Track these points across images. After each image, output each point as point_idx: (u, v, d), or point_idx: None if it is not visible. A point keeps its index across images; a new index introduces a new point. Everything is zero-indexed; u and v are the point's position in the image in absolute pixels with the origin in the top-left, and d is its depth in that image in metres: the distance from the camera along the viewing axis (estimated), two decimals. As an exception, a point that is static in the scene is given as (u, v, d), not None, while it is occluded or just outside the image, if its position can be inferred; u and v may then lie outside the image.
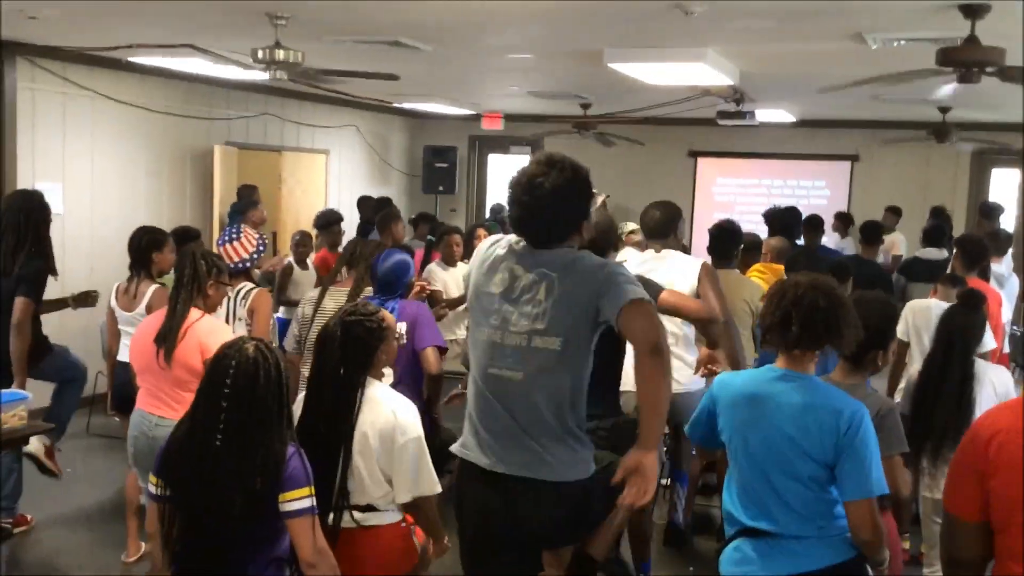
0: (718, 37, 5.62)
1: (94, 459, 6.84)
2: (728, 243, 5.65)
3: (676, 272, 4.26)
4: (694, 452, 5.11)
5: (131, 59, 7.48)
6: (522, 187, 2.77)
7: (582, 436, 2.85)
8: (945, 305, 4.85)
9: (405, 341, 4.32)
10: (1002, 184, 11.26)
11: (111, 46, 6.89)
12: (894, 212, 10.58)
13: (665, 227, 4.42)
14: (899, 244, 10.17)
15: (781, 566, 2.84)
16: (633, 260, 4.42)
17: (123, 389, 5.04)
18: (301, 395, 3.41)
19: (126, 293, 5.20)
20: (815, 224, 8.19)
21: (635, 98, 8.77)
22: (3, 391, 4.81)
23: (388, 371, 3.92)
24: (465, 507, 2.97)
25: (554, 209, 2.76)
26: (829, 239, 10.94)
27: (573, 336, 2.73)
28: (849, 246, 10.02)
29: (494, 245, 2.95)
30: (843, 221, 10.56)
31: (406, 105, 11.41)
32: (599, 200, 8.20)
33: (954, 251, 6.05)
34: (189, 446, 2.82)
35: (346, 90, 9.19)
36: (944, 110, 8.95)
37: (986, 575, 2.31)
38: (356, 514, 3.19)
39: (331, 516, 3.15)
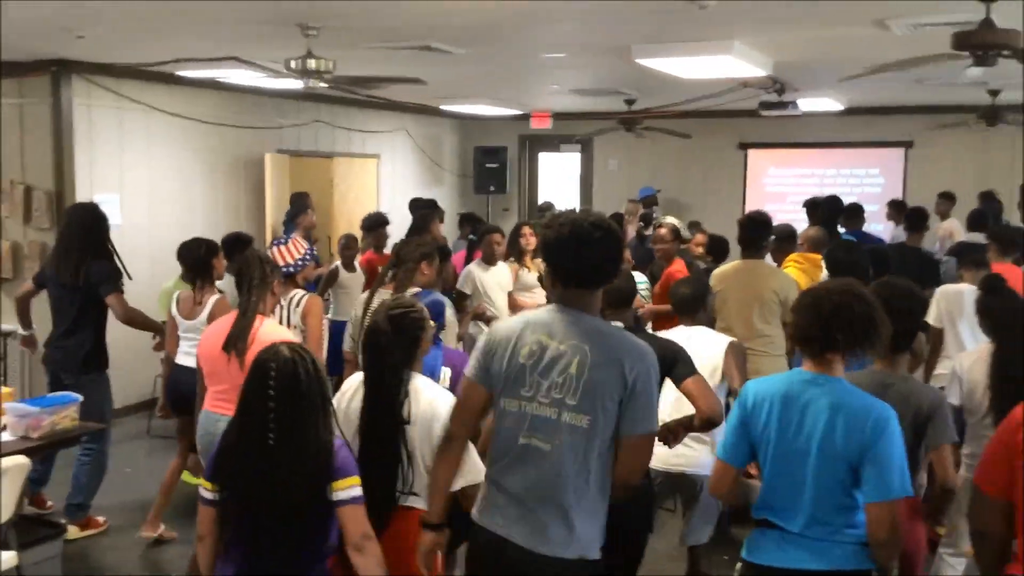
0: (742, 29, 5.64)
1: (154, 459, 7.08)
2: (757, 234, 5.67)
3: (703, 348, 4.27)
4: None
5: (181, 73, 7.76)
6: (574, 229, 2.82)
7: (597, 514, 2.88)
8: (975, 290, 4.81)
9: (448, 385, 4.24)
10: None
11: (159, 61, 7.16)
12: (947, 198, 10.39)
13: (694, 303, 4.46)
14: (957, 230, 9.99)
15: (795, 559, 2.91)
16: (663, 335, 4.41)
17: (179, 390, 5.26)
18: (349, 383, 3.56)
19: (190, 301, 5.40)
20: (855, 212, 8.13)
21: (677, 92, 8.78)
22: (55, 394, 5.10)
23: (447, 371, 4.02)
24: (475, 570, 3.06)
25: (599, 252, 2.83)
26: (884, 228, 10.83)
27: (602, 415, 2.79)
28: (903, 234, 9.87)
29: (502, 326, 3.03)
30: (897, 209, 10.39)
31: (454, 107, 11.56)
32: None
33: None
34: (243, 448, 2.93)
35: (392, 95, 9.37)
36: (994, 93, 8.78)
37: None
38: (407, 499, 3.31)
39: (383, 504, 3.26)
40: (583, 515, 2.83)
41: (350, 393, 3.48)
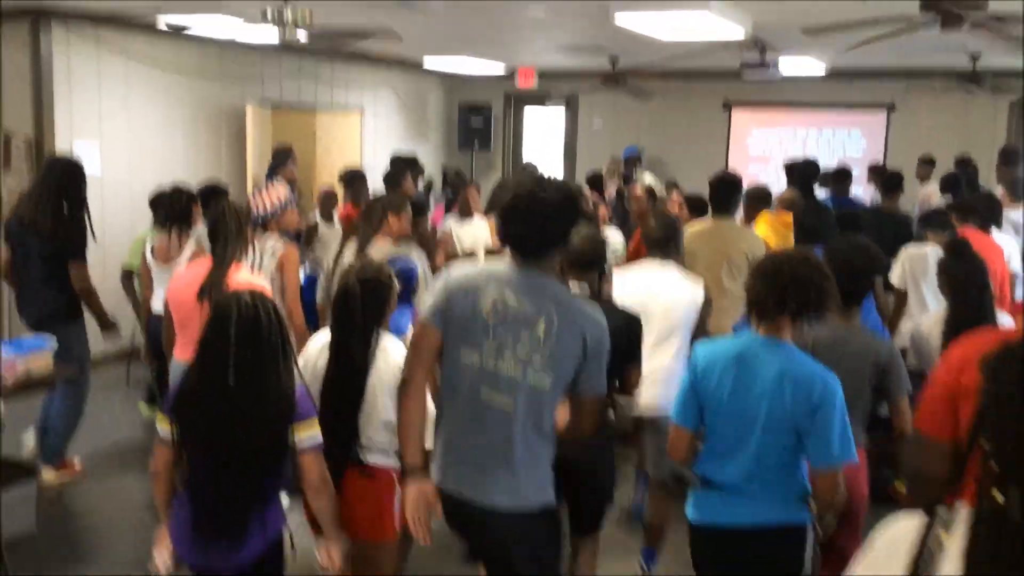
0: (719, -13, 5.67)
1: (131, 408, 7.17)
2: (728, 194, 5.72)
3: (679, 292, 4.33)
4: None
5: (161, 22, 7.72)
6: (522, 199, 2.87)
7: (548, 463, 2.98)
8: (939, 251, 4.90)
9: None
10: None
11: (138, 10, 7.13)
12: (928, 162, 10.44)
13: (667, 241, 4.51)
14: (936, 194, 10.05)
15: (737, 516, 3.03)
16: (635, 275, 4.46)
17: (158, 337, 5.31)
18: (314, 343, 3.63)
19: (166, 249, 5.41)
20: (843, 175, 8.20)
21: (660, 51, 8.78)
22: (31, 338, 5.15)
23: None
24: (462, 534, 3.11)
25: (548, 220, 2.87)
26: (865, 191, 10.88)
27: (562, 376, 2.88)
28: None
29: (462, 274, 3.03)
30: (878, 173, 10.44)
31: (438, 63, 11.52)
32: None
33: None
34: (204, 391, 2.99)
35: (375, 49, 9.34)
36: (975, 57, 8.81)
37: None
38: (362, 454, 3.40)
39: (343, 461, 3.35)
40: (541, 466, 2.93)
41: (316, 351, 3.54)
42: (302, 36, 5.85)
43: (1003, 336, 2.39)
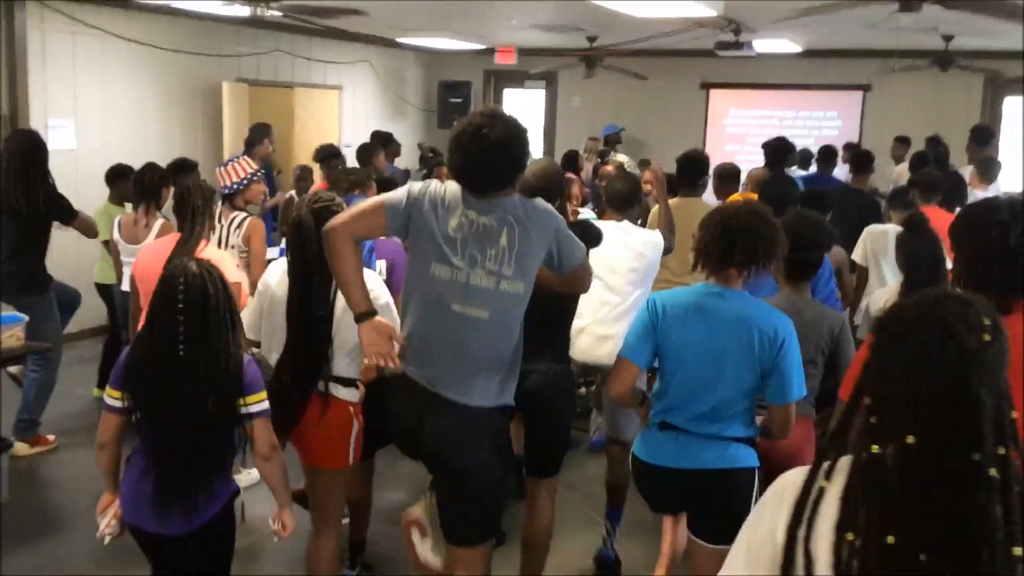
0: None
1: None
2: (694, 172, 5.79)
3: (640, 239, 4.42)
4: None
5: (137, -2, 7.71)
6: (468, 136, 2.89)
7: (516, 368, 3.10)
8: (900, 229, 4.97)
9: (384, 277, 4.33)
10: (1014, 112, 11.12)
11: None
12: (903, 142, 10.53)
13: (629, 198, 4.55)
14: (906, 174, 10.12)
15: (687, 460, 3.13)
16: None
17: (126, 313, 5.35)
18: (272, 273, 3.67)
19: (134, 225, 5.46)
20: (828, 155, 8.28)
21: (636, 30, 8.81)
22: (1, 314, 5.19)
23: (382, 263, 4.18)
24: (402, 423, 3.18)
25: (497, 158, 2.89)
26: (840, 170, 10.97)
27: (530, 281, 2.99)
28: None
29: (433, 189, 3.03)
30: (852, 152, 10.52)
31: (416, 40, 11.51)
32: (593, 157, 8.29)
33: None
34: (153, 360, 3.01)
35: (351, 26, 9.33)
36: (947, 38, 8.88)
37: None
38: (330, 385, 3.46)
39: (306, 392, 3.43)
40: (502, 371, 3.04)
41: (275, 281, 3.56)
42: (272, 12, 5.87)
43: None
